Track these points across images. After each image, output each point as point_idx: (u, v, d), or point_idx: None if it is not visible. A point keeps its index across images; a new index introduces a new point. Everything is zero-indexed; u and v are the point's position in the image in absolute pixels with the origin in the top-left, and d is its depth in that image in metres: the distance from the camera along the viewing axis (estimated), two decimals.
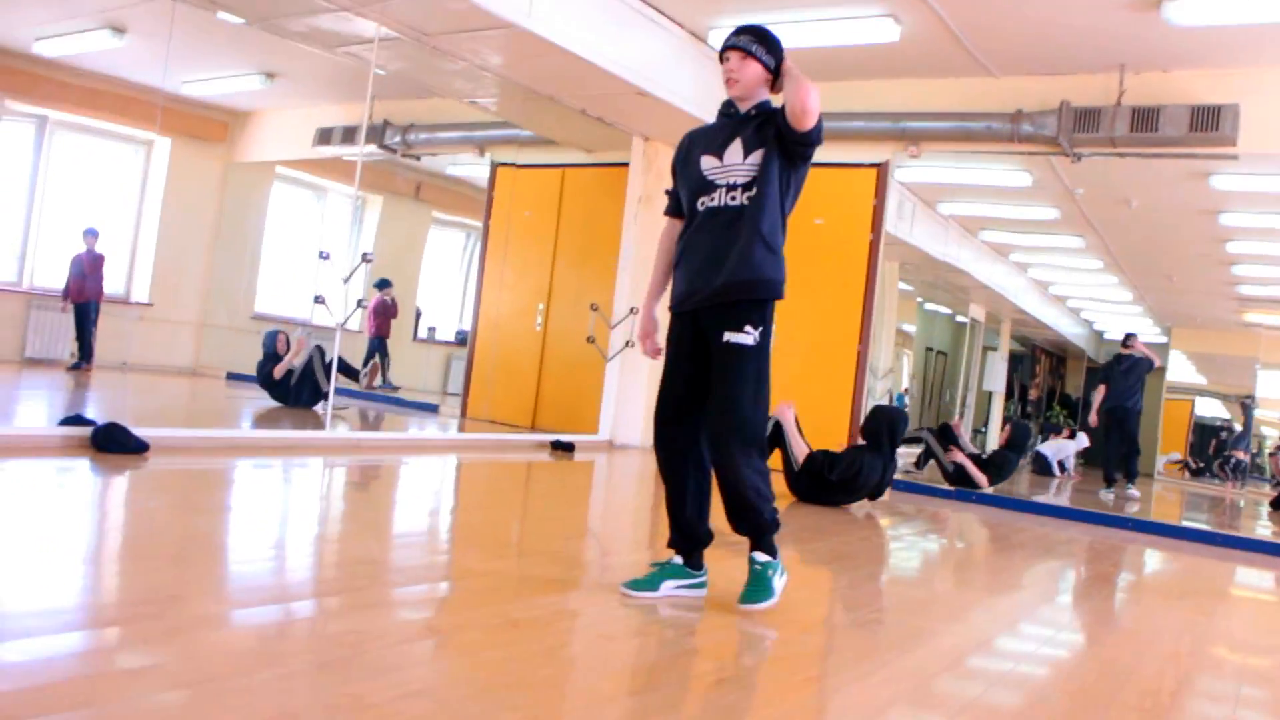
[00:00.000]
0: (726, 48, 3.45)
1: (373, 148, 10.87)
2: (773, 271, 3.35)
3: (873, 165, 8.60)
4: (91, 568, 3.06)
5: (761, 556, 3.35)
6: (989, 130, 8.12)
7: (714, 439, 3.33)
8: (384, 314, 12.80)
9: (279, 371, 9.08)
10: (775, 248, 3.37)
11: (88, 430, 5.19)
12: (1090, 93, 7.85)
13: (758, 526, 3.35)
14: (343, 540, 4.05)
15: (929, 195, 11.39)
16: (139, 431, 5.27)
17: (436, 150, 11.43)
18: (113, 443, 5.14)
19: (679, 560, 3.47)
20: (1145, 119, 7.51)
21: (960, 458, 8.98)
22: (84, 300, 10.46)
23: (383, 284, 12.71)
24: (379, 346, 12.80)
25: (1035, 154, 8.23)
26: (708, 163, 3.44)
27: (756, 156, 3.35)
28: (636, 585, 3.40)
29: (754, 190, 3.33)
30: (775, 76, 3.46)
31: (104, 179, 11.99)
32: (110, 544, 3.50)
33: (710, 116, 8.44)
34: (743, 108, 3.48)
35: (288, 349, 9.15)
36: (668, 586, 3.42)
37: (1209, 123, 7.27)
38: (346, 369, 9.49)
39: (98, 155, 11.92)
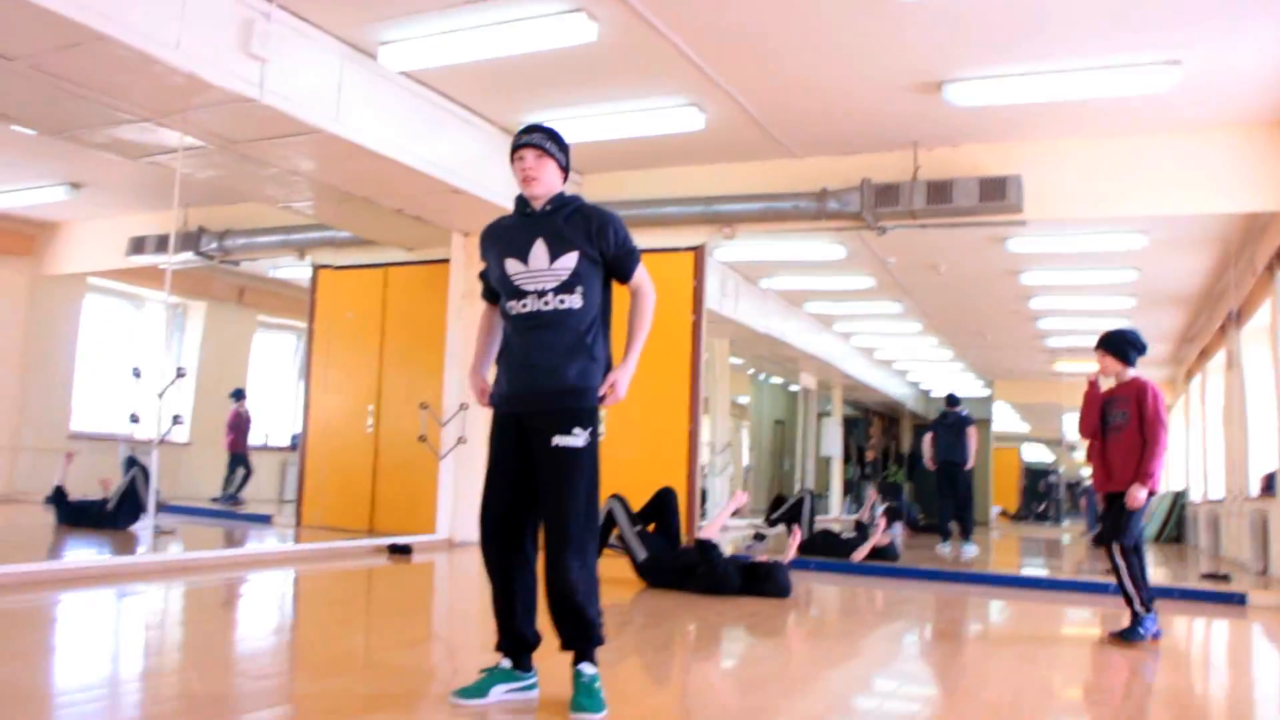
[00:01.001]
0: (521, 146, 3.44)
1: (189, 255, 10.61)
2: (594, 380, 3.36)
3: (690, 249, 8.84)
4: None
5: (589, 669, 3.31)
6: (797, 209, 8.45)
7: (548, 547, 3.29)
8: (239, 427, 12.33)
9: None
10: (596, 355, 3.37)
11: None
12: (888, 169, 8.26)
13: (586, 630, 3.31)
14: (171, 673, 3.86)
15: (752, 272, 11.72)
16: None
17: (255, 255, 11.24)
18: None
19: (508, 664, 3.42)
20: (939, 191, 7.93)
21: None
22: None
23: (238, 394, 12.27)
24: (241, 460, 12.31)
25: (842, 229, 8.58)
26: (513, 267, 3.41)
27: (567, 261, 3.34)
28: (466, 693, 3.34)
29: (568, 294, 3.33)
30: (566, 173, 3.52)
31: None
32: None
33: None
34: (537, 204, 3.45)
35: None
36: (498, 691, 3.36)
37: (996, 193, 7.74)
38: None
39: None
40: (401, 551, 8.25)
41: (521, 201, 3.52)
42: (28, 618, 4.96)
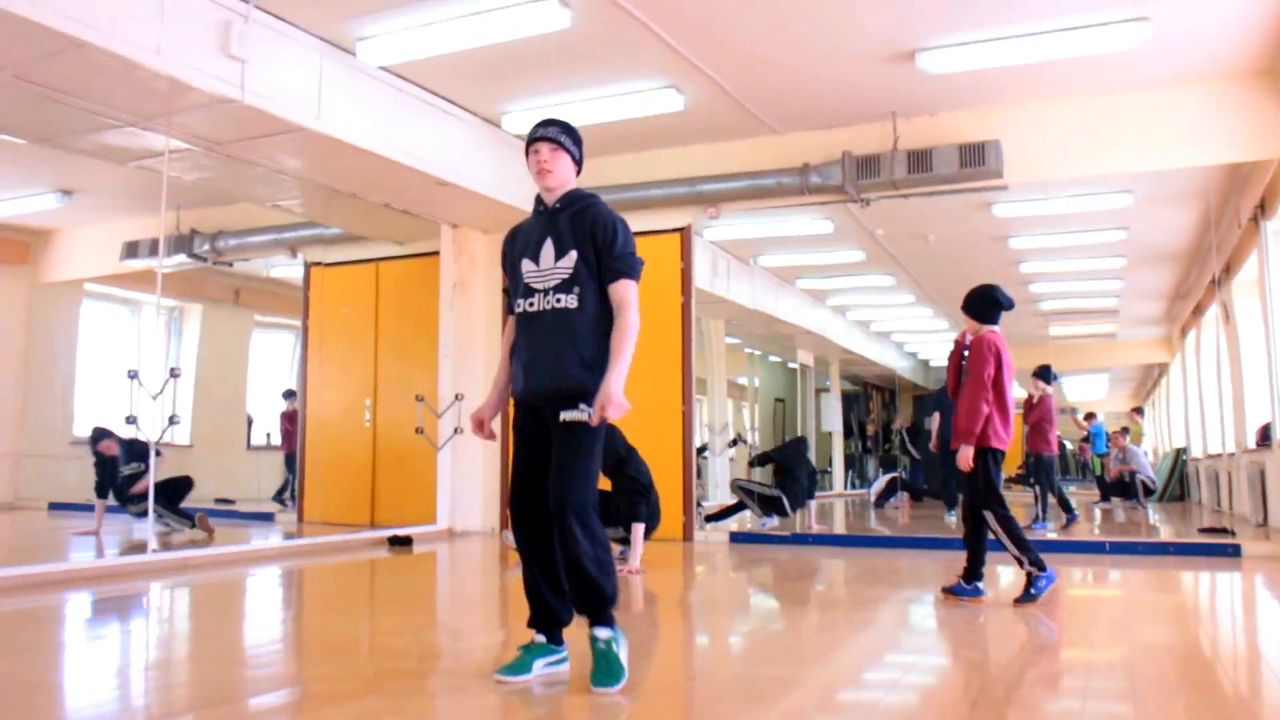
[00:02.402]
0: (536, 139, 3.49)
1: (183, 257, 10.71)
2: (594, 381, 3.36)
3: (676, 230, 8.91)
4: None
5: (604, 633, 3.37)
6: (780, 185, 8.51)
7: (554, 511, 3.37)
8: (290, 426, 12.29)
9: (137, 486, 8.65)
10: (597, 362, 3.37)
11: None
12: (869, 141, 8.33)
13: (597, 599, 3.37)
14: (178, 663, 3.95)
15: (743, 251, 11.80)
16: None
17: (247, 255, 11.34)
18: None
19: (542, 639, 3.50)
20: (920, 160, 8.00)
21: None
22: None
23: (289, 394, 12.22)
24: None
25: (826, 203, 8.64)
26: (527, 267, 3.48)
27: (567, 261, 3.40)
28: (510, 670, 3.42)
29: (565, 294, 3.38)
30: (580, 166, 3.56)
31: None
32: None
33: (512, 199, 8.66)
34: (551, 199, 3.51)
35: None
36: (539, 666, 3.44)
37: (976, 158, 7.81)
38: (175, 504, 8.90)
39: None
40: (402, 543, 8.34)
41: (538, 199, 3.58)
42: (36, 616, 5.06)
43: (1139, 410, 19.45)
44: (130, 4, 5.61)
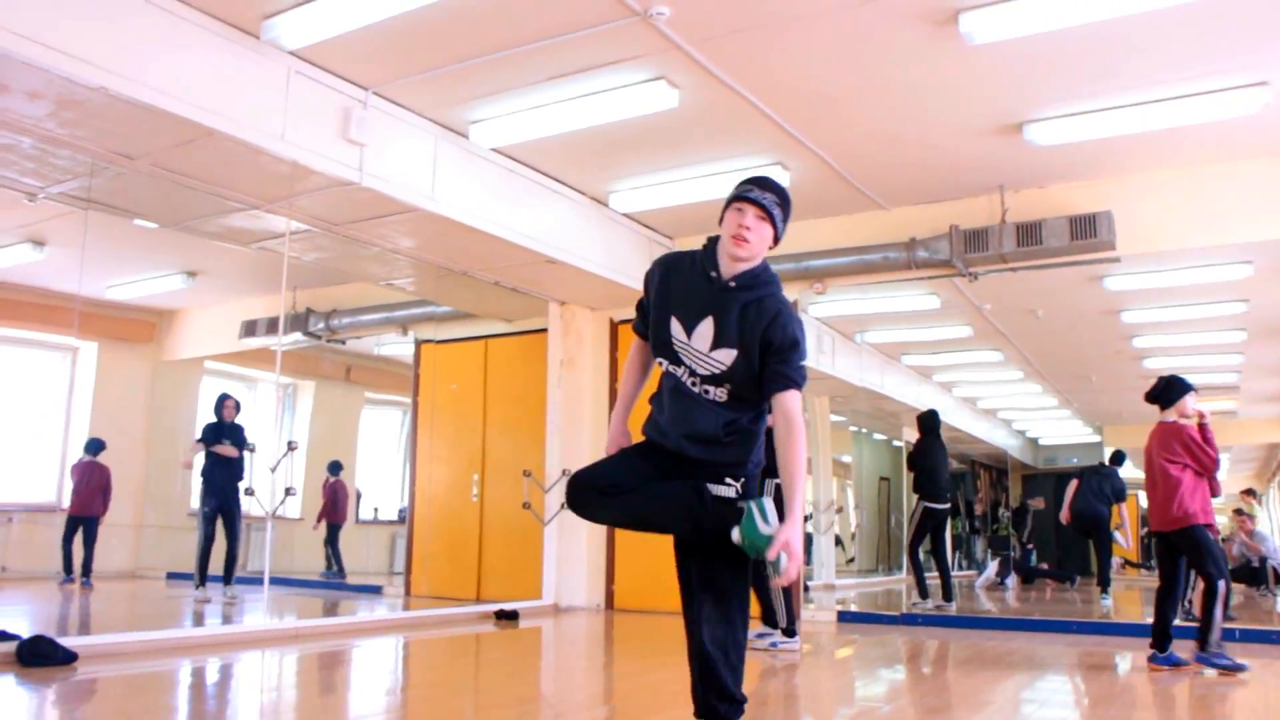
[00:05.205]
0: (745, 199, 2.99)
1: (298, 335, 11.03)
2: (746, 457, 3.13)
3: None
4: None
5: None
6: (886, 260, 8.47)
7: (696, 598, 3.13)
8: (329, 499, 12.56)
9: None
10: (743, 458, 3.12)
11: (12, 645, 5.13)
12: (976, 214, 8.25)
13: (719, 699, 3.09)
14: None
15: (848, 327, 11.71)
16: (66, 641, 5.22)
17: (360, 333, 11.67)
18: (37, 656, 5.07)
19: None
20: (1029, 233, 7.89)
21: None
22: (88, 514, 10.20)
23: (334, 468, 12.52)
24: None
25: (933, 277, 8.57)
26: (676, 329, 3.06)
27: (723, 355, 2.99)
28: None
29: (715, 387, 3.04)
30: (776, 243, 3.11)
31: (29, 389, 11.91)
32: None
33: (619, 277, 8.73)
34: (730, 271, 3.03)
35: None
36: None
37: (1087, 230, 7.66)
38: None
39: (21, 366, 11.86)
40: (508, 617, 8.37)
41: (710, 256, 3.08)
42: (148, 682, 5.18)
43: (1251, 492, 18.65)
44: (258, 94, 5.89)
